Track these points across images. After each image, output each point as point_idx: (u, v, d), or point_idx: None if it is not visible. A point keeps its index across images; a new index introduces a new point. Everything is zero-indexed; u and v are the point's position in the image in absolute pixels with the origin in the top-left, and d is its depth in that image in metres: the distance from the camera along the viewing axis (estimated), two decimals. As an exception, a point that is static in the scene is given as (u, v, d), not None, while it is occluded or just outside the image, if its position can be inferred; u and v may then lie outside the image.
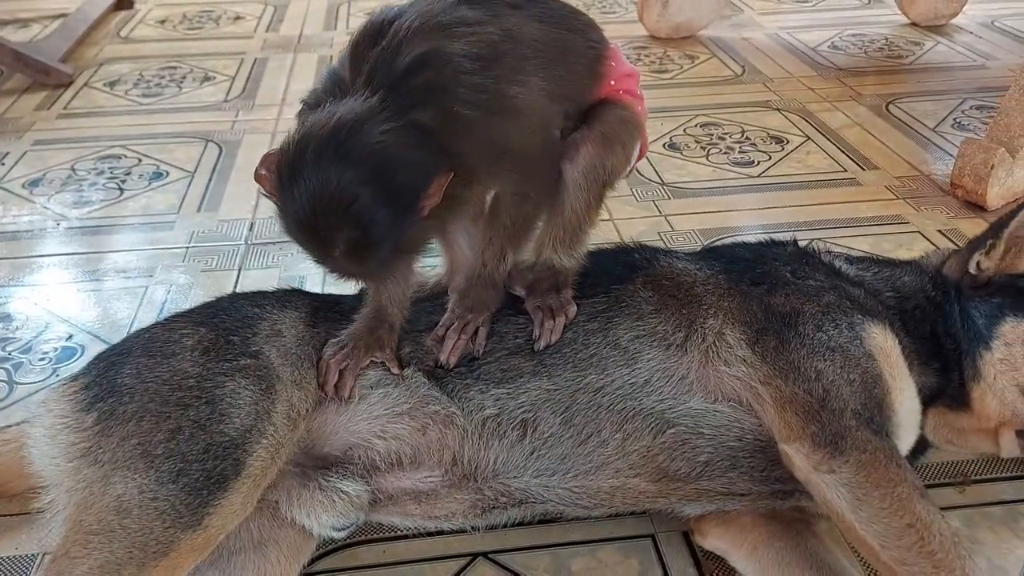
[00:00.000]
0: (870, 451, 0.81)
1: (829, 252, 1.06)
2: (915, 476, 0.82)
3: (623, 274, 0.96)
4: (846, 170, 1.74)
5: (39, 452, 0.83)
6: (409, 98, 0.78)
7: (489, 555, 0.93)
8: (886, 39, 2.47)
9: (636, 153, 1.02)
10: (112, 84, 2.21)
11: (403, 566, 0.92)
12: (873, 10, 2.73)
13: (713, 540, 0.91)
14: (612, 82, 0.99)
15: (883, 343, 0.89)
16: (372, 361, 0.90)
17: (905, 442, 0.91)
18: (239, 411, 0.82)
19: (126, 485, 0.77)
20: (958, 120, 1.95)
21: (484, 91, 0.82)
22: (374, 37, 0.84)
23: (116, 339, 1.23)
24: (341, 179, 0.74)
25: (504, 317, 0.94)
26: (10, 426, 0.99)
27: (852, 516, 0.80)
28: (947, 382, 0.99)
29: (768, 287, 0.92)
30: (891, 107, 2.02)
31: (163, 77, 2.25)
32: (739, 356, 0.88)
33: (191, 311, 0.97)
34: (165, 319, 0.95)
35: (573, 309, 0.93)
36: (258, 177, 0.79)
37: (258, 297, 0.98)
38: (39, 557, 0.93)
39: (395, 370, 0.90)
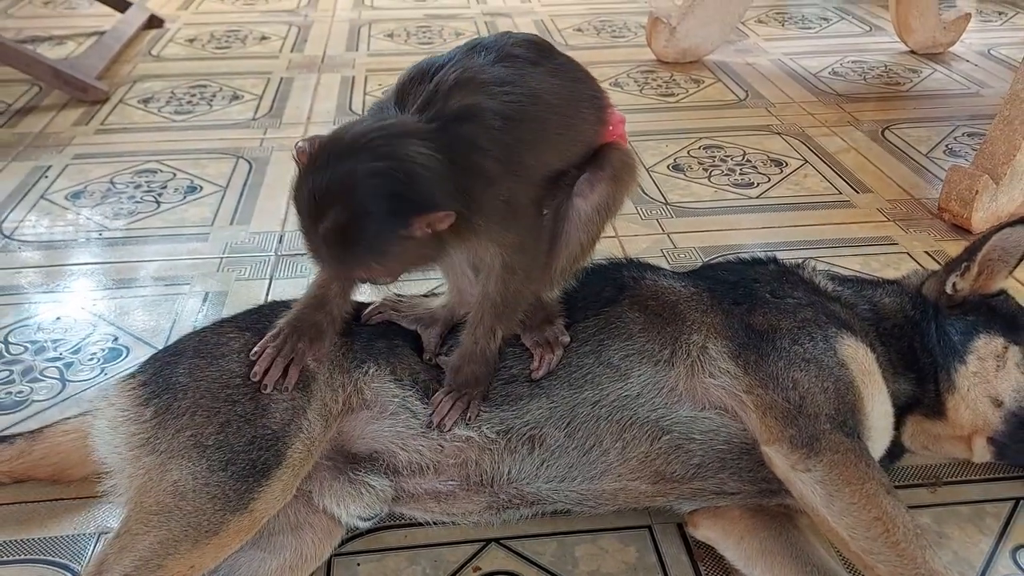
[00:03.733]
0: (842, 451, 0.91)
1: (813, 269, 1.15)
2: (883, 474, 0.91)
3: (611, 296, 1.04)
4: (841, 193, 1.84)
5: (103, 442, 0.93)
6: (451, 138, 0.85)
7: (501, 541, 1.03)
8: (885, 66, 2.57)
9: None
10: (146, 101, 2.33)
11: (422, 549, 1.02)
12: (874, 37, 2.83)
13: (704, 531, 1.01)
14: (611, 127, 1.05)
15: (855, 353, 0.98)
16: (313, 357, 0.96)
17: (879, 444, 1.00)
18: (279, 407, 0.92)
19: (181, 472, 0.86)
20: (950, 146, 2.04)
21: (508, 150, 0.89)
22: (419, 81, 0.91)
23: (158, 342, 1.35)
24: (360, 166, 0.81)
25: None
26: (69, 418, 1.10)
27: (825, 510, 0.89)
28: (923, 392, 1.08)
29: (748, 307, 1.01)
30: (887, 133, 2.12)
31: (194, 95, 2.37)
32: (722, 368, 0.97)
33: (237, 316, 1.07)
34: (214, 323, 1.05)
35: (566, 339, 1.00)
36: (297, 151, 0.85)
37: None
38: (96, 537, 1.03)
39: (321, 370, 0.96)
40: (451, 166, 0.84)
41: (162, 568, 0.82)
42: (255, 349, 0.95)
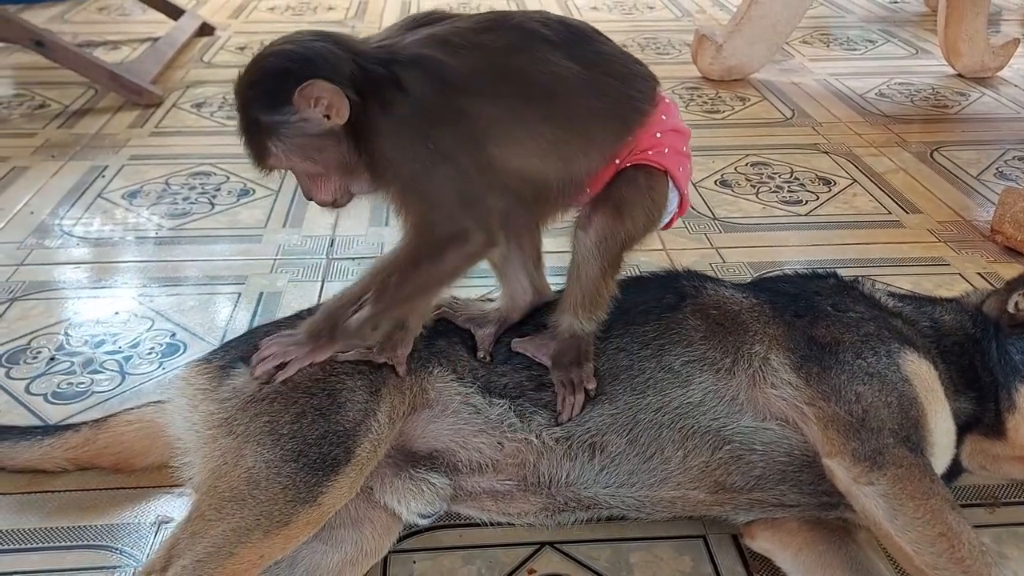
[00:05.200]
0: (906, 466, 0.90)
1: (872, 285, 1.15)
2: (947, 490, 0.90)
3: (672, 302, 1.03)
4: (890, 213, 1.83)
5: (180, 419, 0.95)
6: (379, 69, 0.87)
7: (555, 545, 1.03)
8: (932, 89, 2.56)
9: (665, 218, 1.01)
10: (199, 106, 2.38)
11: (477, 550, 1.02)
12: (920, 60, 2.82)
13: (761, 542, 1.00)
14: (658, 134, 0.97)
15: (919, 369, 0.98)
16: (386, 362, 0.96)
17: (940, 461, 0.99)
18: (353, 406, 0.92)
19: (255, 458, 0.88)
20: (1000, 169, 2.03)
21: (439, 110, 0.87)
22: (412, 24, 0.94)
23: (214, 339, 1.37)
24: (267, 54, 0.88)
25: None
26: (133, 408, 1.12)
27: (888, 524, 0.89)
28: (983, 412, 1.07)
29: (810, 319, 1.01)
30: (935, 154, 2.11)
31: (245, 101, 2.41)
32: (784, 379, 0.96)
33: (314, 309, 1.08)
34: (294, 317, 1.07)
35: (592, 385, 0.97)
36: None
37: None
38: (156, 526, 1.04)
39: (401, 372, 0.97)
40: (356, 67, 0.86)
41: (233, 556, 0.83)
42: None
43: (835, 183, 1.96)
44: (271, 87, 0.86)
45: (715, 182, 1.96)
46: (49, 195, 1.86)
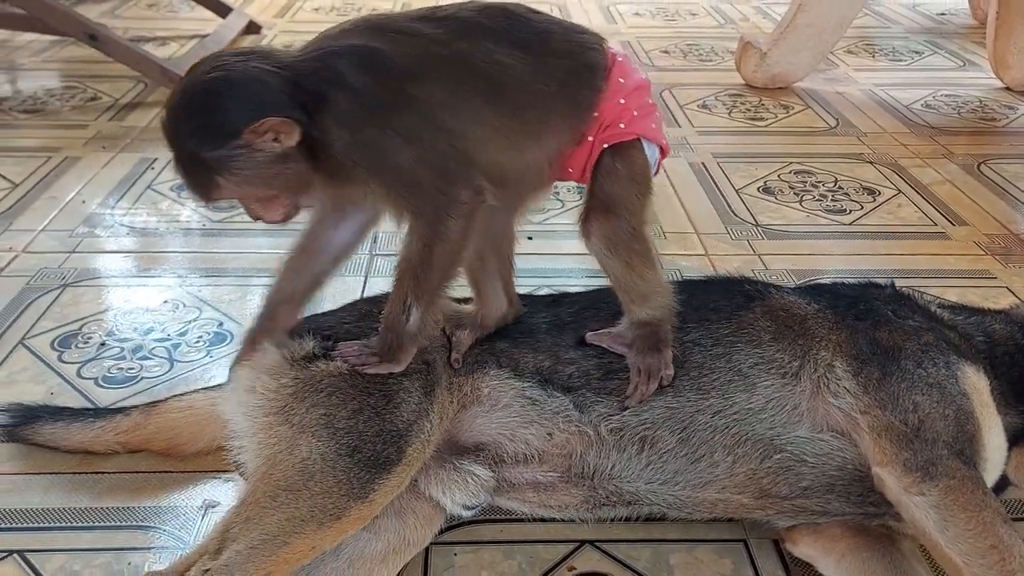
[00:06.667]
0: (959, 478, 0.89)
1: (923, 297, 1.14)
2: (999, 503, 0.89)
3: (742, 303, 1.04)
4: (936, 224, 1.81)
5: (237, 402, 0.96)
6: (313, 68, 0.85)
7: (595, 543, 1.03)
8: (980, 101, 2.52)
9: (652, 177, 1.00)
10: (245, 102, 2.41)
11: (517, 545, 1.03)
12: (968, 72, 2.78)
13: (803, 547, 1.00)
14: (622, 100, 0.96)
15: (976, 383, 0.97)
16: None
17: (990, 477, 0.98)
18: (408, 407, 0.93)
19: (310, 450, 0.88)
20: (1050, 183, 2.00)
21: (387, 98, 0.86)
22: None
23: (261, 329, 1.38)
24: (193, 83, 0.85)
25: None
26: (184, 394, 1.14)
27: (939, 535, 0.88)
28: (1032, 425, 1.06)
29: (872, 322, 1.00)
30: (982, 167, 2.08)
31: (290, 98, 2.44)
32: (844, 387, 0.95)
33: (373, 298, 1.10)
34: (344, 306, 1.09)
35: (670, 372, 0.97)
36: None
37: None
38: (203, 510, 1.06)
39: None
40: (294, 86, 0.84)
41: (287, 546, 0.84)
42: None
43: (880, 193, 1.94)
44: (213, 122, 0.83)
45: (758, 189, 1.95)
46: (100, 185, 1.90)
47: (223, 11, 3.07)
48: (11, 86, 2.56)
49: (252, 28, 3.06)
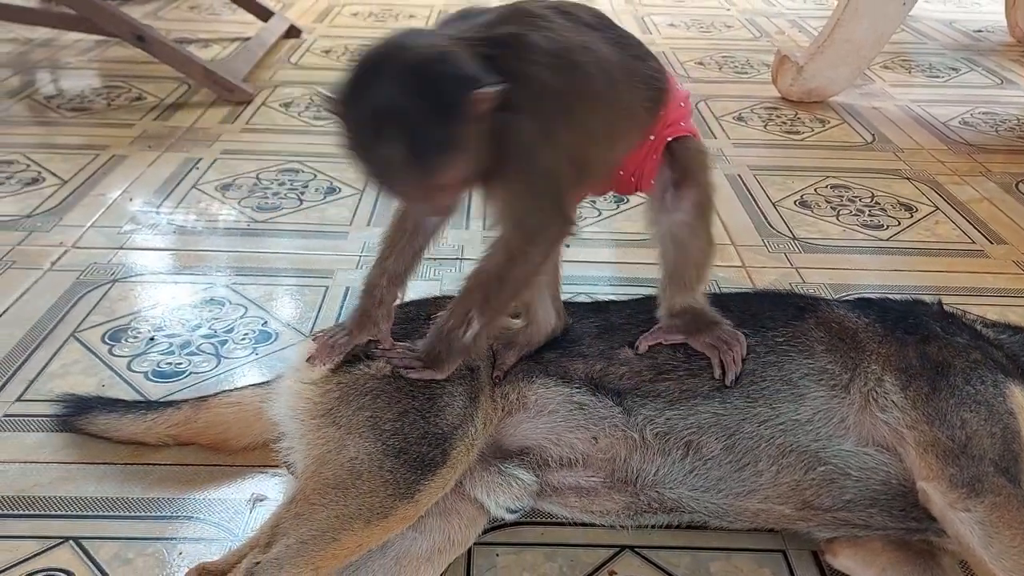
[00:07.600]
0: (1004, 495, 0.90)
1: (967, 315, 1.14)
2: (1043, 522, 0.90)
3: (795, 314, 1.05)
4: (974, 242, 1.81)
5: (284, 404, 0.98)
6: (485, 46, 0.81)
7: (635, 549, 1.05)
8: (1017, 120, 2.51)
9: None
10: (287, 105, 2.45)
11: (558, 548, 1.04)
12: (1005, 90, 2.77)
13: (843, 560, 1.00)
14: (681, 103, 1.02)
15: (1023, 402, 0.97)
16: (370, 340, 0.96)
17: (1033, 495, 0.99)
18: (452, 411, 0.95)
19: (358, 450, 0.90)
20: (1090, 204, 1.99)
21: (554, 87, 0.84)
22: (459, 18, 0.89)
23: (305, 329, 1.42)
24: (404, 70, 0.77)
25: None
26: (233, 390, 1.17)
27: (983, 551, 0.88)
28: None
29: (921, 337, 1.01)
30: (1021, 186, 2.07)
31: (330, 102, 2.48)
32: (893, 401, 0.96)
33: (420, 301, 1.14)
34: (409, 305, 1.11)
35: (742, 336, 1.01)
36: (325, 98, 0.82)
37: None
38: (251, 504, 1.09)
39: (386, 345, 0.97)
40: (487, 61, 0.80)
41: (336, 542, 0.86)
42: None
43: (917, 209, 1.94)
44: (444, 96, 0.77)
45: (794, 202, 1.96)
46: (146, 184, 1.95)
47: (265, 15, 3.12)
48: (55, 85, 2.62)
49: (292, 32, 3.10)
